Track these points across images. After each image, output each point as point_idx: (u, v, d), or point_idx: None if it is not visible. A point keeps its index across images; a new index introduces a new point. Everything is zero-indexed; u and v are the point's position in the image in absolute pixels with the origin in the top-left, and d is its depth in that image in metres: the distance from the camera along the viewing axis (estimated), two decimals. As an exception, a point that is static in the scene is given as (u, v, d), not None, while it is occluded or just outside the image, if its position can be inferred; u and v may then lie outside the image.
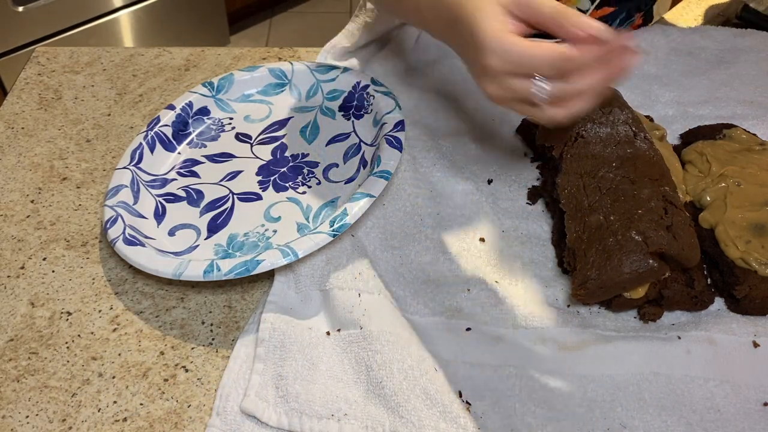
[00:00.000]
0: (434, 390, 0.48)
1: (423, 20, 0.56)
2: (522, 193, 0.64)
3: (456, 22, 0.50)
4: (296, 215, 0.59)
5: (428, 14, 0.54)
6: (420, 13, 0.55)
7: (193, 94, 0.69)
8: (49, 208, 0.64)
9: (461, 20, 0.49)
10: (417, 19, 0.57)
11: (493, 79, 0.48)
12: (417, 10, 0.55)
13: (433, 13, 0.53)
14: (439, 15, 0.52)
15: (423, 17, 0.55)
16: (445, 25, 0.52)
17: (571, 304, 0.55)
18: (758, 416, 0.48)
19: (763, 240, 0.53)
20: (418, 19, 0.57)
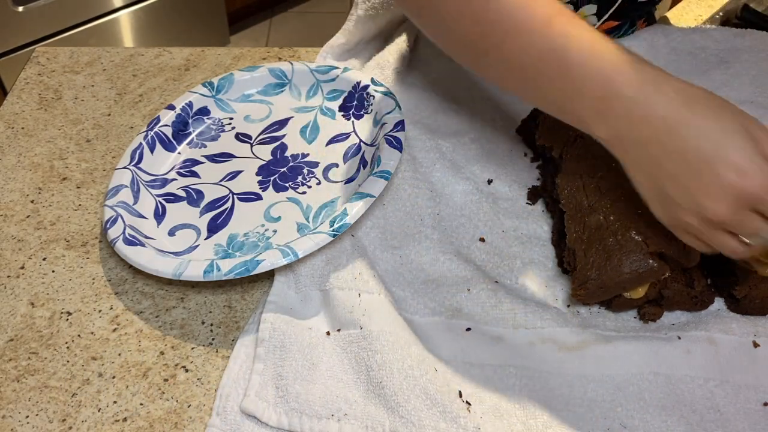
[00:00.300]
0: (434, 390, 0.48)
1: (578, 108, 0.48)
2: (522, 193, 0.64)
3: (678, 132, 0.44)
4: (296, 215, 0.59)
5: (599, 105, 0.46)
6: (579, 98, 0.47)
7: (193, 94, 0.69)
8: (49, 208, 0.64)
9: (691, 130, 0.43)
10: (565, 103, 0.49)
11: (726, 201, 0.43)
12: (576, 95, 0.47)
13: (603, 104, 0.46)
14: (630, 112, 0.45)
15: (579, 103, 0.47)
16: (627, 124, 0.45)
17: (571, 304, 0.55)
18: (758, 416, 0.48)
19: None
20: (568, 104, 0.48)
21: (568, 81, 0.46)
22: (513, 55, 0.48)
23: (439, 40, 0.54)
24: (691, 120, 0.43)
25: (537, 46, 0.47)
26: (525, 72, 0.48)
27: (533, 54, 0.47)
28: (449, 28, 0.50)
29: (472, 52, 0.51)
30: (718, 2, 0.89)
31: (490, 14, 0.47)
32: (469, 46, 0.50)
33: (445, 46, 0.53)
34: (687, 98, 0.44)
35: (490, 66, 0.51)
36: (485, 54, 0.50)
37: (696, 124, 0.43)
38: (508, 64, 0.49)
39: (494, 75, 0.52)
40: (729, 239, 0.46)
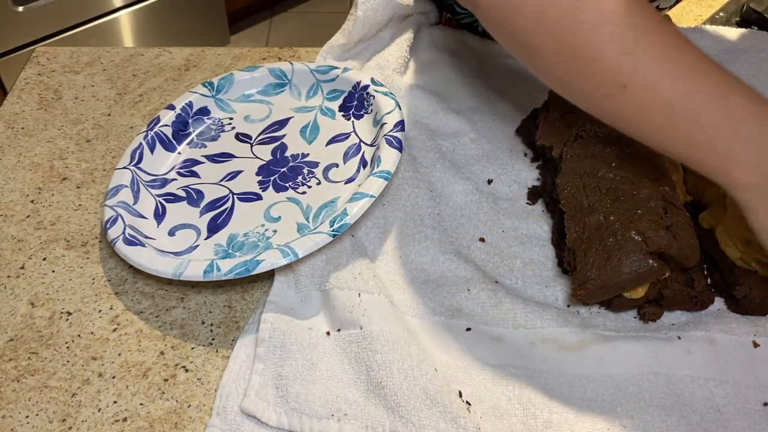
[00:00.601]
0: (434, 390, 0.48)
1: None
2: (522, 193, 0.64)
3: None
4: (296, 215, 0.59)
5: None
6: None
7: (193, 94, 0.69)
8: (49, 208, 0.64)
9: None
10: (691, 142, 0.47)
11: None
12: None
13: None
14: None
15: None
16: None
17: (571, 304, 0.55)
18: (758, 416, 0.48)
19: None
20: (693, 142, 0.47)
21: (726, 117, 0.45)
22: (664, 90, 0.46)
23: (559, 68, 0.49)
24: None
25: (694, 81, 0.46)
26: (673, 110, 0.46)
27: (688, 90, 0.46)
28: (585, 55, 0.47)
29: (607, 83, 0.47)
30: (718, 2, 0.89)
31: (641, 50, 0.45)
32: (606, 75, 0.47)
33: (567, 75, 0.49)
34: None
35: (626, 103, 0.47)
36: (622, 89, 0.47)
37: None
38: (657, 101, 0.46)
39: (625, 113, 0.48)
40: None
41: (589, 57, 0.46)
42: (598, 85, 0.47)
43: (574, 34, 0.46)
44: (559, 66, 0.48)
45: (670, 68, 0.45)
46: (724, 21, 0.85)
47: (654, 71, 0.45)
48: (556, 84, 0.51)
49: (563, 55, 0.47)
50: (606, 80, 0.47)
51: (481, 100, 0.72)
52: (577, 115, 0.61)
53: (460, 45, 0.78)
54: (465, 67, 0.75)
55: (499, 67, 0.76)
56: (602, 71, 0.46)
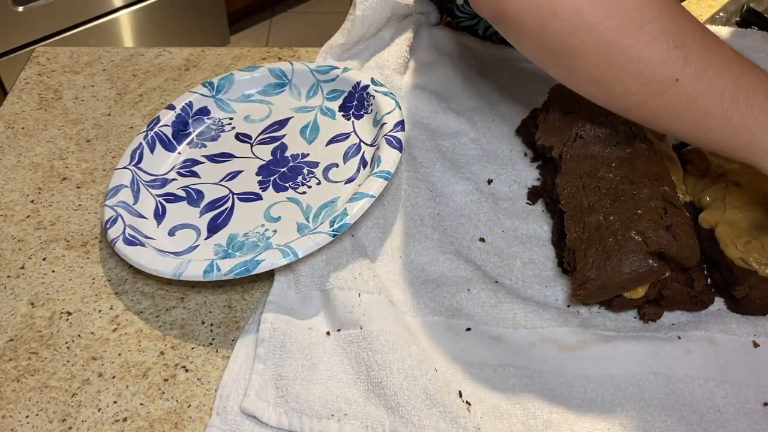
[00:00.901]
0: (434, 390, 0.48)
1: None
2: (522, 193, 0.64)
3: None
4: (296, 215, 0.59)
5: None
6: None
7: (193, 94, 0.69)
8: (49, 208, 0.64)
9: None
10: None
11: None
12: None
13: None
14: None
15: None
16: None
17: (571, 304, 0.55)
18: (758, 416, 0.48)
19: (763, 240, 0.53)
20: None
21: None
22: (711, 80, 0.47)
23: (599, 69, 0.48)
24: None
25: (738, 68, 0.47)
26: (723, 97, 0.47)
27: (735, 77, 0.47)
28: (632, 55, 0.46)
29: (656, 80, 0.47)
30: (718, 2, 0.89)
31: (690, 43, 0.46)
32: (657, 72, 0.47)
33: (608, 77, 0.48)
34: None
35: (677, 97, 0.48)
36: (674, 83, 0.47)
37: None
38: (706, 91, 0.47)
39: (673, 107, 0.48)
40: None
41: (635, 55, 0.46)
42: (645, 83, 0.47)
43: (617, 33, 0.45)
44: (598, 67, 0.47)
45: (715, 58, 0.47)
46: (724, 21, 0.85)
47: (704, 61, 0.46)
48: (592, 87, 0.50)
49: (604, 55, 0.47)
50: (655, 77, 0.47)
51: (481, 100, 0.72)
52: (576, 115, 0.61)
53: (460, 46, 0.78)
54: (465, 67, 0.75)
55: (498, 68, 0.76)
56: (651, 68, 0.46)
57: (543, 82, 0.73)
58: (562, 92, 0.64)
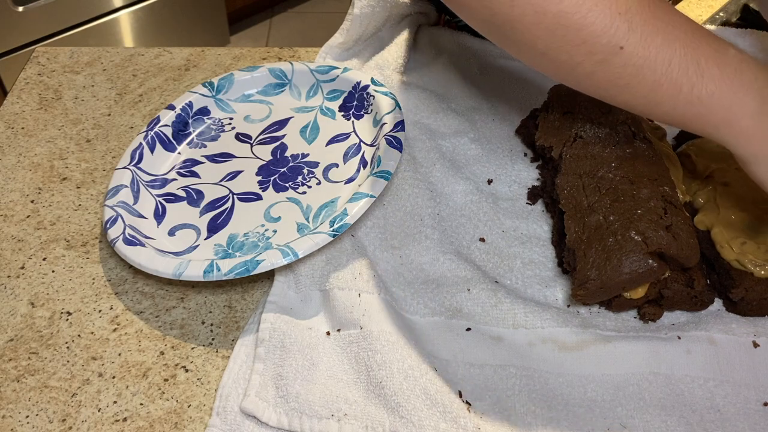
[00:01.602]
0: (434, 390, 0.48)
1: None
2: (522, 193, 0.64)
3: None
4: (296, 215, 0.59)
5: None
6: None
7: (193, 94, 0.69)
8: (49, 208, 0.64)
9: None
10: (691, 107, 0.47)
11: None
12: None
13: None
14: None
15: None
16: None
17: (571, 304, 0.55)
18: (758, 416, 0.48)
19: (759, 240, 0.53)
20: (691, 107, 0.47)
21: (725, 67, 0.46)
22: (658, 48, 0.45)
23: (543, 41, 0.47)
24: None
25: (689, 38, 0.46)
26: (670, 66, 0.46)
27: (685, 45, 0.46)
28: (575, 23, 0.45)
29: (600, 50, 0.46)
30: (718, 2, 0.89)
31: (635, 9, 0.45)
32: (600, 41, 0.45)
33: (552, 49, 0.47)
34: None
35: (622, 66, 0.46)
36: (618, 51, 0.46)
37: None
38: (652, 59, 0.46)
39: (618, 77, 0.47)
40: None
41: (577, 23, 0.45)
42: (589, 52, 0.46)
43: (558, 1, 0.44)
44: (542, 39, 0.46)
45: (663, 26, 0.45)
46: (724, 21, 0.85)
47: (650, 29, 0.45)
48: (539, 60, 0.48)
49: (545, 25, 0.45)
50: (599, 45, 0.45)
51: (481, 100, 0.72)
52: (576, 115, 0.61)
53: (460, 45, 0.78)
54: (465, 67, 0.75)
55: (499, 67, 0.76)
56: (594, 36, 0.45)
57: (543, 82, 0.73)
58: (561, 92, 0.64)
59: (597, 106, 0.61)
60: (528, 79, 0.74)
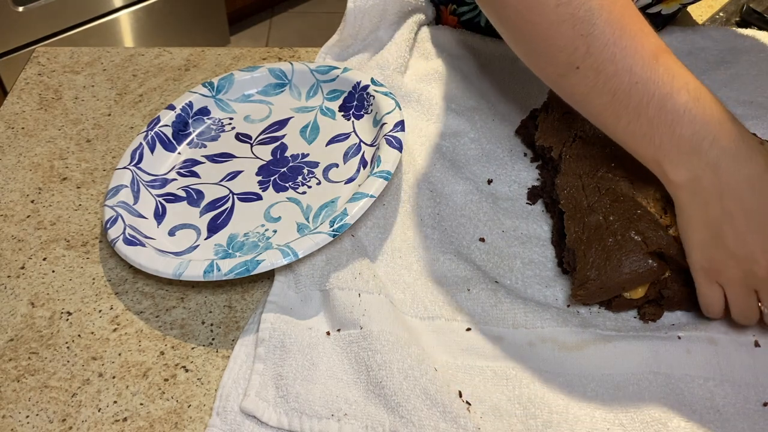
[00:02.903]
0: (434, 390, 0.48)
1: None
2: (522, 193, 0.64)
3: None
4: (296, 215, 0.59)
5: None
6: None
7: (193, 94, 0.69)
8: (49, 208, 0.64)
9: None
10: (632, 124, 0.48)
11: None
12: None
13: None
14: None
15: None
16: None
17: (571, 304, 0.55)
18: (758, 416, 0.48)
19: None
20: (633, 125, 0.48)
21: (663, 114, 0.46)
22: (610, 76, 0.47)
23: (523, 45, 0.51)
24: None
25: (639, 74, 0.46)
26: (615, 96, 0.47)
27: (632, 81, 0.46)
28: (545, 34, 0.48)
29: (562, 63, 0.49)
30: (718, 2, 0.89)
31: (596, 34, 0.46)
32: (562, 55, 0.48)
33: (529, 52, 0.51)
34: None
35: (577, 82, 0.49)
36: (575, 70, 0.48)
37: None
38: (601, 85, 0.48)
39: (576, 92, 0.50)
40: (754, 302, 0.50)
41: (542, 35, 0.48)
42: (554, 63, 0.49)
43: (531, 10, 0.47)
44: (520, 42, 0.51)
45: (619, 56, 0.46)
46: (724, 21, 0.85)
47: (604, 56, 0.47)
48: (523, 58, 0.52)
49: (523, 31, 0.49)
50: (560, 60, 0.48)
51: (481, 100, 0.72)
52: (576, 115, 0.61)
53: (460, 45, 0.78)
54: (465, 67, 0.75)
55: (499, 67, 0.76)
56: (557, 51, 0.48)
57: (543, 82, 0.73)
58: (562, 92, 0.64)
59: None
60: (528, 79, 0.74)
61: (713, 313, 0.51)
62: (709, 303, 0.51)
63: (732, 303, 0.50)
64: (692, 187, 0.47)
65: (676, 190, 0.49)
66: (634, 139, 0.49)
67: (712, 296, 0.50)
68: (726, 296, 0.50)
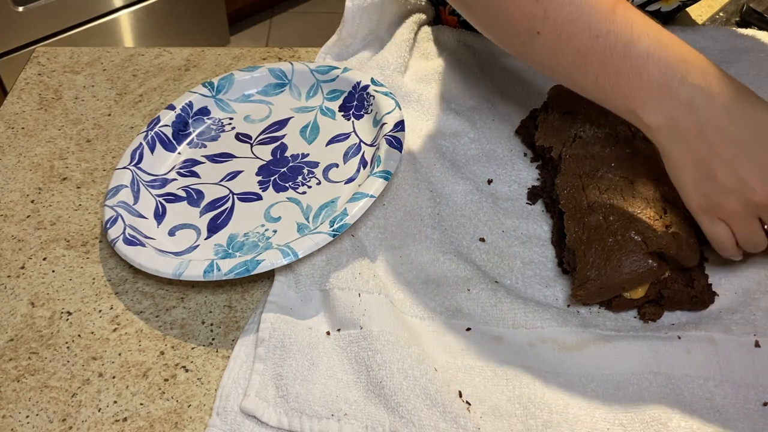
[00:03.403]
0: (434, 390, 0.48)
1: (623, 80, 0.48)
2: (522, 193, 0.64)
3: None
4: (296, 215, 0.59)
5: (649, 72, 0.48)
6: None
7: (193, 94, 0.69)
8: (49, 208, 0.64)
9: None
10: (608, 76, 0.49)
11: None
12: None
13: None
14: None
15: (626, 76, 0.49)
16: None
17: (571, 304, 0.55)
18: (758, 416, 0.48)
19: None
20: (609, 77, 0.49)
21: (628, 62, 0.47)
22: (571, 36, 0.49)
23: (483, 19, 0.53)
24: (750, 111, 0.47)
25: (598, 28, 0.48)
26: (579, 54, 0.49)
27: (593, 36, 0.48)
28: (502, 6, 0.50)
29: (523, 31, 0.50)
30: (718, 2, 0.89)
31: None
32: (521, 24, 0.50)
33: (490, 26, 0.54)
34: (744, 92, 0.48)
35: (541, 47, 0.51)
36: (536, 35, 0.50)
37: (755, 115, 0.47)
38: (564, 46, 0.49)
39: (542, 57, 0.52)
40: (759, 228, 0.50)
41: (503, 7, 0.50)
42: (515, 33, 0.51)
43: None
44: (483, 16, 0.53)
45: (576, 14, 0.48)
46: (724, 21, 0.85)
47: (562, 17, 0.48)
48: (487, 34, 0.55)
49: (483, 7, 0.51)
50: (522, 28, 0.50)
51: (481, 100, 0.72)
52: (576, 115, 0.61)
53: (460, 44, 0.78)
54: (465, 67, 0.75)
55: (499, 67, 0.76)
56: (518, 19, 0.50)
57: (543, 82, 0.73)
58: (561, 93, 0.64)
59: (597, 107, 0.61)
60: (528, 79, 0.74)
61: (726, 250, 0.51)
62: (719, 241, 0.51)
63: (738, 235, 0.50)
64: (671, 129, 0.48)
65: (656, 135, 0.49)
66: (605, 92, 0.50)
67: (719, 234, 0.51)
68: (732, 230, 0.50)
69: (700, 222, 0.51)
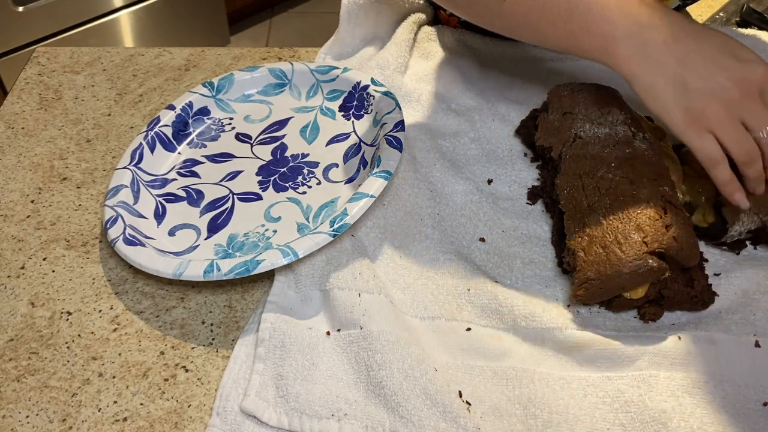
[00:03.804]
0: (434, 390, 0.48)
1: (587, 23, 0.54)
2: (522, 193, 0.64)
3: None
4: (296, 215, 0.59)
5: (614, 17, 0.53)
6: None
7: (193, 94, 0.69)
8: (50, 208, 0.64)
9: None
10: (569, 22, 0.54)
11: (747, 75, 0.50)
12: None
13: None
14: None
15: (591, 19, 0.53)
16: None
17: (571, 304, 0.55)
18: (758, 416, 0.48)
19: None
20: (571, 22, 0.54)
21: (591, 4, 0.53)
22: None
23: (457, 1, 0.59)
24: (704, 29, 0.52)
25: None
26: (546, 8, 0.54)
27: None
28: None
29: (491, 2, 0.57)
30: (718, 2, 0.89)
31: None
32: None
33: (464, 6, 0.59)
34: (689, 20, 0.53)
35: (509, 12, 0.56)
36: (502, 2, 0.56)
37: (710, 32, 0.52)
38: (531, 3, 0.55)
39: (511, 20, 0.57)
40: (745, 133, 0.51)
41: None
42: (483, 4, 0.58)
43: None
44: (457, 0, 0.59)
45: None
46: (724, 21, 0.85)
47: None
48: (458, 10, 0.61)
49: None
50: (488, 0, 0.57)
51: (481, 100, 0.72)
52: (576, 115, 0.61)
53: (460, 44, 0.78)
54: (465, 67, 0.75)
55: (499, 67, 0.76)
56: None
57: (543, 82, 0.73)
58: (561, 93, 0.64)
59: (596, 107, 0.61)
60: (528, 79, 0.74)
61: (715, 163, 0.51)
62: (707, 156, 0.51)
63: (726, 143, 0.51)
64: (642, 54, 0.51)
65: (629, 65, 0.52)
66: (576, 38, 0.54)
67: (707, 147, 0.51)
68: (720, 142, 0.51)
69: (687, 139, 0.51)
